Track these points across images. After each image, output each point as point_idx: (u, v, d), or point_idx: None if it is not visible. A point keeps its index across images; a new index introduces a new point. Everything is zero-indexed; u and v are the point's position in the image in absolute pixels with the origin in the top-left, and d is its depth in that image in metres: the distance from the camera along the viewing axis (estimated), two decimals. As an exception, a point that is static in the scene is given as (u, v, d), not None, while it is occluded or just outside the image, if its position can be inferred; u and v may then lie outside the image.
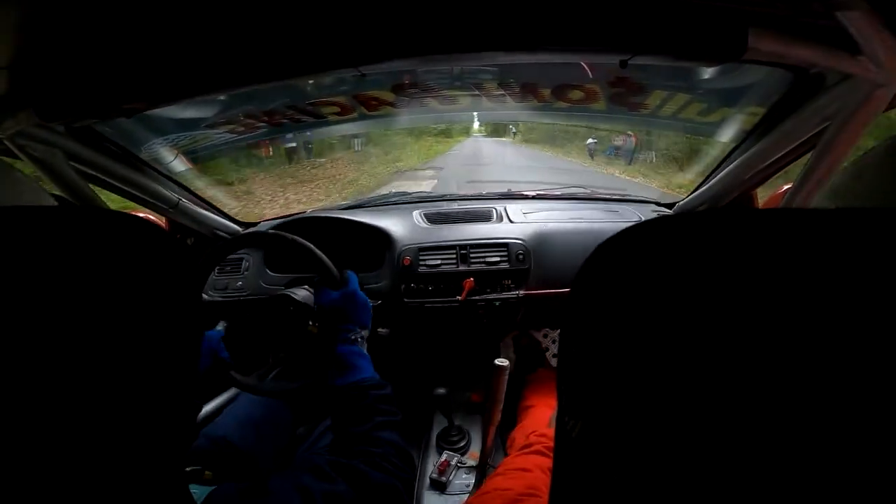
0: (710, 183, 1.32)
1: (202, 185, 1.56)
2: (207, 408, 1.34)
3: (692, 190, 1.45)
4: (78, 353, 0.27)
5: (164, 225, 1.44)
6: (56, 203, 0.64)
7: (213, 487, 0.65)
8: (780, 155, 1.05)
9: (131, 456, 0.30)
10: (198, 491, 0.66)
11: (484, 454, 1.13)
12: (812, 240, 0.19)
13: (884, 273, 0.17)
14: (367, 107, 1.33)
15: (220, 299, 1.40)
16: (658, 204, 1.64)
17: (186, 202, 1.38)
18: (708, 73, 1.02)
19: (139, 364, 0.30)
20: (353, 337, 0.93)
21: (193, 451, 1.03)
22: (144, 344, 0.31)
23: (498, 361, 0.96)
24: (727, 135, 1.21)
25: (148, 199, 1.27)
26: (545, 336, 1.73)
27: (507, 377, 0.98)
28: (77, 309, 0.27)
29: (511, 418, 1.24)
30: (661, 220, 0.23)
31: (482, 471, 1.14)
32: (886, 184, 0.31)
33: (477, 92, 1.28)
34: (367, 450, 0.74)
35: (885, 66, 0.67)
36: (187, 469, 0.84)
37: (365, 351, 0.94)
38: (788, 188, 1.04)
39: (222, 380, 1.08)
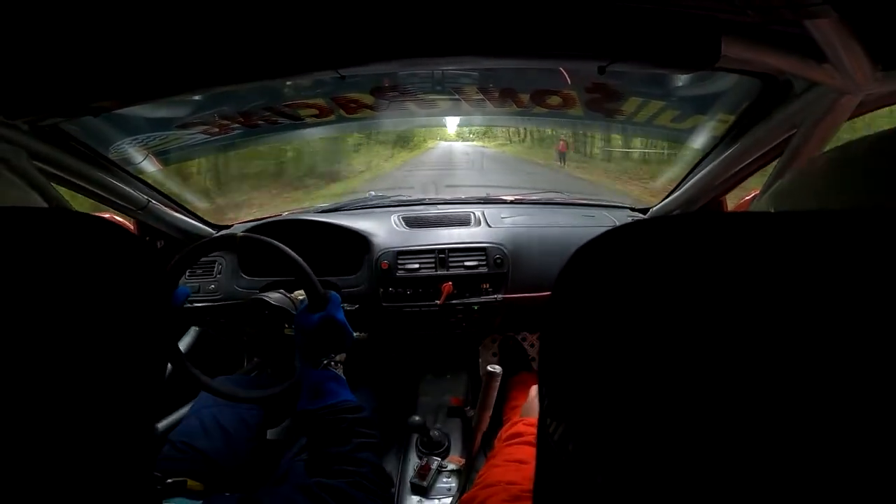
0: (682, 189, 1.35)
1: (173, 187, 1.52)
2: (176, 415, 1.30)
3: (665, 195, 1.49)
4: (37, 359, 0.26)
5: (131, 227, 1.40)
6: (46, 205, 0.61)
7: (200, 502, 0.63)
8: (749, 161, 1.08)
9: (94, 464, 0.29)
10: None
11: (470, 458, 1.13)
12: (779, 242, 0.19)
13: (846, 273, 0.17)
14: (345, 109, 1.31)
15: (192, 304, 1.36)
16: (632, 209, 1.67)
17: (156, 203, 1.34)
18: (681, 80, 1.05)
19: (103, 370, 0.29)
20: (326, 362, 0.91)
21: (161, 458, 0.99)
22: (108, 349, 0.29)
23: (490, 368, 0.96)
24: (699, 141, 1.24)
25: (115, 200, 1.22)
26: (523, 340, 1.74)
27: (498, 384, 0.99)
28: (37, 314, 0.26)
29: (497, 421, 1.24)
30: (636, 223, 0.23)
31: (467, 475, 1.13)
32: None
33: (457, 96, 1.29)
34: (347, 469, 0.75)
35: (851, 75, 0.70)
36: (168, 481, 0.81)
37: (340, 374, 0.92)
38: (756, 194, 1.07)
39: (194, 386, 1.05)
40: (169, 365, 1.07)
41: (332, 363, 0.92)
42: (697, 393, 0.18)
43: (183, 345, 1.41)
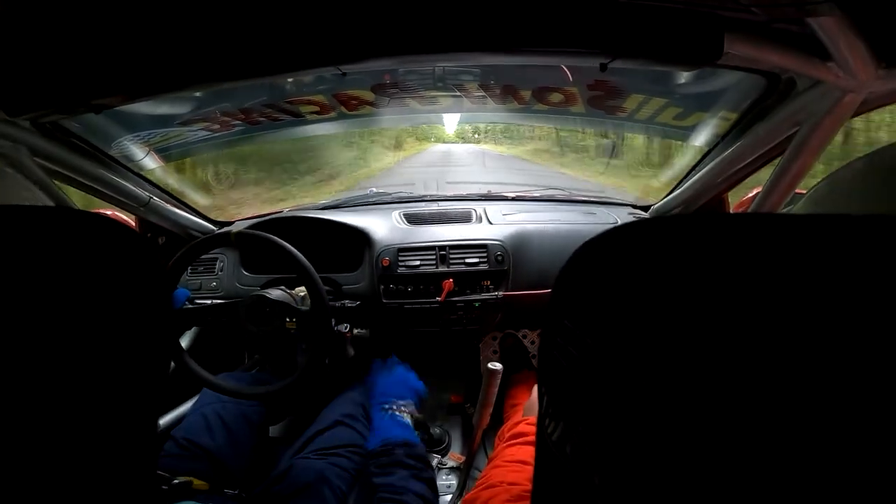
0: (684, 186, 1.35)
1: (175, 183, 1.52)
2: (178, 411, 1.30)
3: (667, 193, 1.49)
4: (39, 357, 0.26)
5: (133, 223, 1.40)
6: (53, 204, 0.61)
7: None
8: (751, 159, 1.08)
9: (97, 461, 0.29)
10: None
11: (470, 456, 1.13)
12: (780, 243, 0.19)
13: (846, 275, 0.17)
14: (346, 106, 1.31)
15: (192, 303, 1.36)
16: (634, 206, 1.67)
17: (157, 200, 1.34)
18: (684, 77, 1.05)
19: (105, 367, 0.29)
20: (386, 406, 1.03)
21: (164, 455, 1.00)
22: (111, 346, 0.29)
23: (491, 365, 0.97)
24: (701, 139, 1.24)
25: (117, 196, 1.23)
26: (524, 337, 1.74)
27: (498, 381, 0.99)
28: (39, 311, 0.26)
29: (497, 419, 1.24)
30: (638, 223, 0.23)
31: (467, 472, 1.14)
32: (862, 196, 0.33)
33: (458, 93, 1.28)
34: (385, 498, 0.78)
35: (854, 73, 0.69)
36: (175, 482, 0.81)
37: (404, 419, 1.02)
38: (757, 192, 1.07)
39: (196, 383, 1.05)
40: (171, 362, 1.07)
41: (393, 408, 1.04)
42: (695, 395, 0.18)
43: (184, 342, 1.42)
